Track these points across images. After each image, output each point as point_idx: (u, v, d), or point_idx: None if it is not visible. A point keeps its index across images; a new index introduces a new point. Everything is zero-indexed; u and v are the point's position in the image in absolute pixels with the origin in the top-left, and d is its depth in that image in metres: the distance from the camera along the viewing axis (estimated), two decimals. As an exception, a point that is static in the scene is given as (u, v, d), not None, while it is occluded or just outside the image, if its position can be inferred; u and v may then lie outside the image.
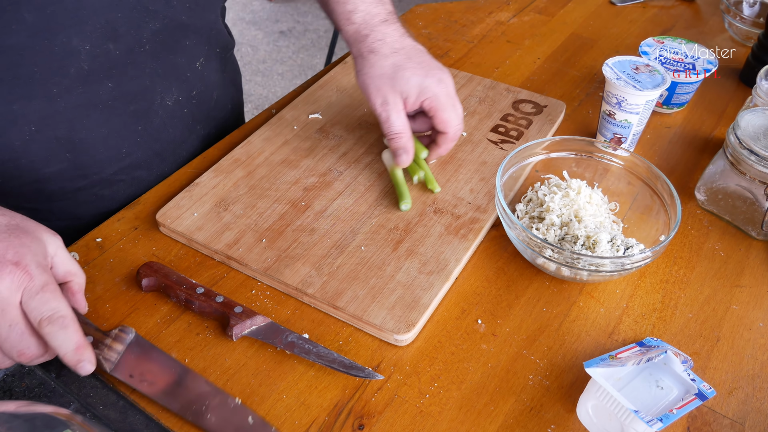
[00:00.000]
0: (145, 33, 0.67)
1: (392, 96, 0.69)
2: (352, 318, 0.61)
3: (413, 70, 0.69)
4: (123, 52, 0.66)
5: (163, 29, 0.69)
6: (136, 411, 0.53)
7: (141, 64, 0.69)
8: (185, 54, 0.74)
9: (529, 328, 0.62)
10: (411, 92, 0.69)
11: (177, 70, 0.74)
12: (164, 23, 0.68)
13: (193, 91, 0.78)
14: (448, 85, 0.71)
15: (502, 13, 1.16)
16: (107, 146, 0.71)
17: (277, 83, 2.77)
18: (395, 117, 0.69)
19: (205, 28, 0.76)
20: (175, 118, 0.77)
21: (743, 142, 0.68)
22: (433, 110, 0.70)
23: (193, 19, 0.72)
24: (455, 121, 0.71)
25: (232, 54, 0.90)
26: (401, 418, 0.55)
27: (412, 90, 0.69)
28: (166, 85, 0.73)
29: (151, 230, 0.71)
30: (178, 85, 0.75)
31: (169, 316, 0.62)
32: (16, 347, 0.49)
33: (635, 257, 0.60)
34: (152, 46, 0.69)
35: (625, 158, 0.72)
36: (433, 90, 0.69)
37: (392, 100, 0.69)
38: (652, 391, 0.53)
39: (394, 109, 0.69)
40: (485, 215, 0.71)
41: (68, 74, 0.63)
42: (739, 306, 0.65)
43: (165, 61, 0.71)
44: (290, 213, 0.71)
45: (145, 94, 0.71)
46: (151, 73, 0.70)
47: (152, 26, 0.67)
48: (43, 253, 0.52)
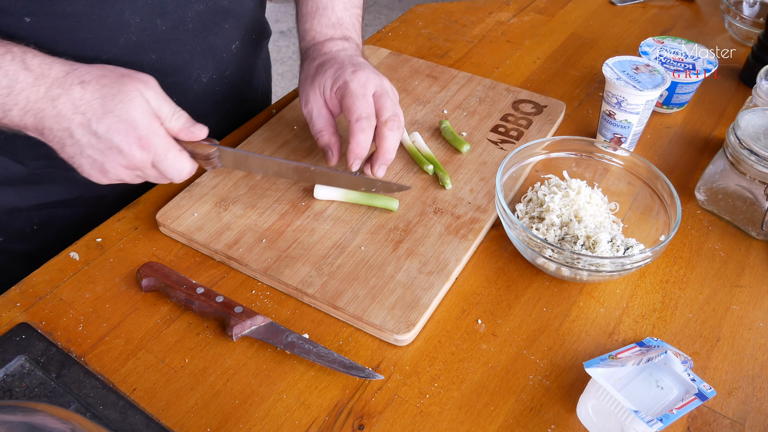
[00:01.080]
0: (190, 12, 0.72)
1: (312, 94, 0.70)
2: (352, 318, 0.61)
3: (330, 64, 0.70)
4: (168, 28, 0.70)
5: (207, 11, 0.74)
6: (136, 411, 0.53)
7: (182, 41, 0.73)
8: (223, 36, 0.78)
9: (529, 328, 0.62)
10: (327, 84, 0.69)
11: (214, 50, 0.78)
12: (208, 5, 0.73)
13: (226, 71, 0.82)
14: (364, 78, 0.67)
15: (502, 13, 1.16)
16: None
17: (277, 83, 2.77)
18: (316, 115, 0.71)
19: (244, 14, 0.80)
20: (207, 94, 0.82)
21: (743, 142, 0.68)
22: (342, 98, 0.68)
23: (234, 4, 0.77)
24: (360, 110, 0.66)
25: (267, 43, 0.96)
26: (401, 418, 0.55)
27: (327, 81, 0.69)
28: (202, 63, 0.77)
29: (151, 230, 0.71)
30: (214, 64, 0.79)
31: (169, 316, 0.62)
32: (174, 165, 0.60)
33: (635, 257, 0.60)
34: (194, 25, 0.73)
35: (625, 158, 0.72)
36: (344, 78, 0.68)
37: (312, 99, 0.70)
38: (652, 391, 0.53)
39: (315, 107, 0.70)
40: (485, 215, 0.71)
41: (117, 43, 0.67)
42: (739, 306, 0.65)
43: (204, 40, 0.76)
44: (290, 213, 0.71)
45: (183, 69, 0.75)
46: (190, 50, 0.75)
47: (197, 7, 0.72)
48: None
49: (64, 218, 0.78)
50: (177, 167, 0.61)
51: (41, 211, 0.77)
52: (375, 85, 0.68)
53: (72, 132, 0.57)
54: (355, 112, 0.66)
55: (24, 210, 0.76)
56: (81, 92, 0.56)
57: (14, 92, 0.55)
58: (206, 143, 0.64)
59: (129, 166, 0.59)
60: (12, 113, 0.56)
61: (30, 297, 0.63)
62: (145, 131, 0.58)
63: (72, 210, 0.78)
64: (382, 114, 0.67)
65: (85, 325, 0.61)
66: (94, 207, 0.78)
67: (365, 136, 0.66)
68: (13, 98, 0.55)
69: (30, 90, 0.56)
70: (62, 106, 0.56)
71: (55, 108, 0.56)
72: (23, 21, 0.61)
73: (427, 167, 0.76)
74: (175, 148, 0.61)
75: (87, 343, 0.59)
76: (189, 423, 0.54)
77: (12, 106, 0.56)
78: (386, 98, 0.68)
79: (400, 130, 0.68)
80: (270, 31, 0.94)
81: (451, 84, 0.92)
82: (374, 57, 0.98)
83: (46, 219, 0.78)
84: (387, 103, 0.68)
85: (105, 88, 0.57)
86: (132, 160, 0.58)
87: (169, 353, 0.59)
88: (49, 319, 0.61)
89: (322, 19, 0.76)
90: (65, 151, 0.58)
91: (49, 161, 0.72)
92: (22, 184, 0.74)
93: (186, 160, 0.62)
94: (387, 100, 0.68)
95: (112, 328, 0.61)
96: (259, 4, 0.85)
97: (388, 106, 0.68)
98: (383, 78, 0.70)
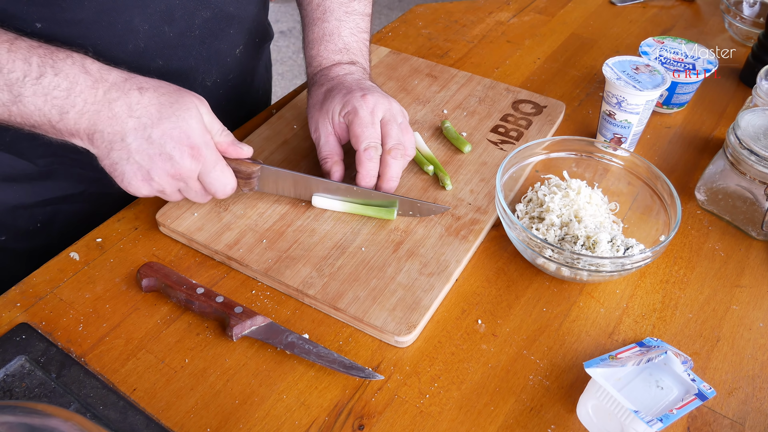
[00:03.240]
0: (197, 20, 0.73)
1: (321, 120, 0.71)
2: (353, 319, 0.61)
3: (338, 90, 0.71)
4: (176, 35, 0.71)
5: (213, 18, 0.75)
6: (136, 411, 0.53)
7: (189, 47, 0.74)
8: (228, 41, 0.79)
9: (529, 328, 0.62)
10: (335, 109, 0.70)
11: (219, 55, 0.79)
12: (214, 12, 0.74)
13: (230, 74, 0.83)
14: (372, 102, 0.68)
15: (502, 13, 1.16)
16: None
17: (277, 83, 2.77)
18: (323, 142, 0.71)
19: (248, 19, 0.81)
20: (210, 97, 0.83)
21: (743, 142, 0.68)
22: (350, 124, 0.68)
23: (239, 10, 0.78)
24: (368, 138, 0.67)
25: (269, 45, 0.96)
26: (401, 418, 0.55)
27: (336, 106, 0.70)
28: (207, 67, 0.78)
29: (151, 230, 0.71)
30: (218, 69, 0.80)
31: (169, 316, 0.62)
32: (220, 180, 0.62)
33: (635, 257, 0.60)
34: (201, 32, 0.74)
35: (625, 158, 0.72)
36: (352, 103, 0.68)
37: (321, 125, 0.71)
38: (652, 391, 0.53)
39: (323, 134, 0.71)
40: (485, 216, 0.71)
41: (126, 49, 0.68)
42: (739, 306, 0.65)
43: (210, 46, 0.77)
44: (291, 213, 0.71)
45: (188, 74, 0.76)
46: (196, 55, 0.76)
47: (204, 14, 0.73)
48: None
49: (68, 215, 0.79)
50: (223, 181, 0.63)
51: (45, 208, 0.77)
52: (384, 109, 0.69)
53: (124, 135, 0.58)
54: (363, 141, 0.67)
55: (27, 207, 0.76)
56: (139, 97, 0.58)
57: (73, 94, 0.56)
58: (250, 161, 0.65)
59: (176, 175, 0.60)
60: (68, 116, 0.57)
61: (30, 297, 0.63)
62: (198, 141, 0.59)
63: (76, 206, 0.78)
64: (386, 142, 0.68)
65: (85, 326, 0.61)
66: (97, 204, 0.78)
67: (373, 164, 0.68)
68: (71, 100, 0.56)
69: (88, 92, 0.57)
70: (118, 108, 0.57)
71: (111, 110, 0.57)
72: (34, 26, 0.62)
73: (427, 168, 0.76)
74: (223, 162, 0.62)
75: (87, 343, 0.59)
76: (189, 423, 0.54)
77: (69, 108, 0.56)
78: (392, 125, 0.68)
79: (404, 159, 0.69)
80: (272, 33, 0.94)
81: (450, 83, 0.92)
82: (374, 56, 0.98)
83: (49, 216, 0.78)
84: (392, 131, 0.68)
85: (163, 96, 0.59)
86: (180, 169, 0.59)
87: (169, 353, 0.59)
88: (49, 320, 0.61)
89: (329, 45, 0.77)
90: (110, 156, 0.59)
91: (56, 158, 0.72)
92: (26, 181, 0.75)
93: (231, 176, 0.64)
94: (393, 128, 0.68)
95: (112, 328, 0.61)
96: (262, 8, 0.86)
97: (393, 134, 0.68)
98: (392, 101, 0.70)
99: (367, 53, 0.80)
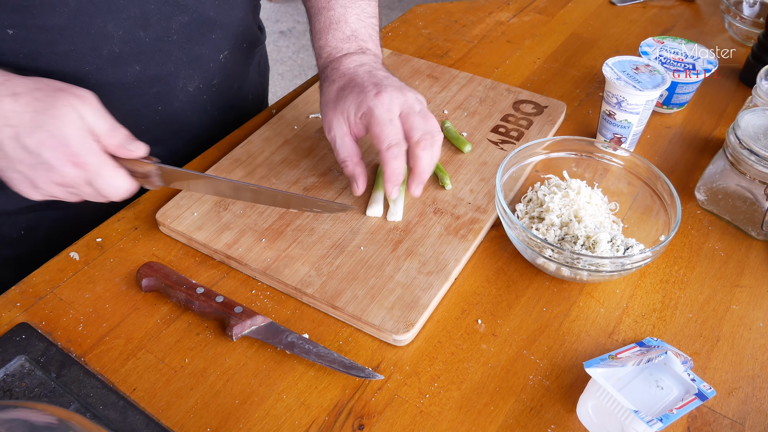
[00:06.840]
0: (174, 24, 0.71)
1: (336, 121, 0.67)
2: (352, 318, 0.61)
3: (351, 88, 0.68)
4: (152, 40, 0.70)
5: (192, 22, 0.73)
6: (136, 411, 0.53)
7: (167, 52, 0.73)
8: (210, 46, 0.78)
9: (529, 328, 0.62)
10: (350, 110, 0.66)
11: (201, 60, 0.78)
12: (193, 17, 0.73)
13: (214, 80, 0.82)
14: (387, 99, 0.65)
15: (502, 13, 1.16)
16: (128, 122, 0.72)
17: (277, 83, 2.77)
18: (340, 143, 0.68)
19: (232, 24, 0.80)
20: (193, 103, 0.81)
21: (743, 142, 0.68)
22: (368, 125, 0.65)
23: (221, 15, 0.76)
24: (390, 137, 0.64)
25: (263, 48, 0.95)
26: (401, 418, 0.55)
27: (351, 108, 0.66)
28: (189, 72, 0.77)
29: (151, 230, 0.71)
30: (201, 74, 0.79)
31: (169, 316, 0.62)
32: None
33: (635, 257, 0.60)
34: (179, 37, 0.73)
35: (625, 158, 0.72)
36: (367, 103, 0.65)
37: (336, 125, 0.68)
38: (652, 391, 0.53)
39: (338, 134, 0.68)
40: (485, 215, 0.71)
41: (101, 55, 0.67)
42: (739, 306, 0.65)
43: (190, 51, 0.75)
44: (290, 213, 0.71)
45: (168, 79, 0.75)
46: (176, 60, 0.74)
47: (181, 19, 0.72)
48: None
49: (52, 221, 0.77)
50: (113, 184, 0.58)
51: (28, 215, 0.76)
52: (400, 104, 0.65)
53: (1, 145, 0.54)
54: (384, 140, 0.64)
55: (11, 214, 0.75)
56: (12, 104, 0.54)
57: None
58: (145, 161, 0.61)
59: (61, 183, 0.57)
60: None
61: (30, 297, 0.63)
62: (77, 148, 0.55)
63: (61, 212, 0.77)
64: (412, 135, 0.64)
65: (85, 325, 0.61)
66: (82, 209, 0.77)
67: (399, 162, 0.64)
68: None
69: None
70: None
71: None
72: (6, 33, 0.61)
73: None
74: (110, 165, 0.58)
75: (87, 343, 0.59)
76: (189, 423, 0.54)
77: None
78: (413, 117, 0.65)
79: (434, 147, 0.65)
80: (263, 38, 0.92)
81: (451, 84, 0.92)
82: (374, 57, 0.98)
83: (33, 223, 0.77)
84: (415, 122, 0.64)
85: (38, 102, 0.55)
86: (63, 177, 0.56)
87: (169, 353, 0.59)
88: (49, 319, 0.61)
89: (336, 33, 0.73)
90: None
91: None
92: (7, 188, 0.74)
93: (122, 178, 0.59)
94: (414, 119, 0.65)
95: (112, 328, 0.61)
96: (249, 13, 0.84)
97: (416, 125, 0.64)
98: (406, 91, 0.67)
99: (377, 38, 0.77)
